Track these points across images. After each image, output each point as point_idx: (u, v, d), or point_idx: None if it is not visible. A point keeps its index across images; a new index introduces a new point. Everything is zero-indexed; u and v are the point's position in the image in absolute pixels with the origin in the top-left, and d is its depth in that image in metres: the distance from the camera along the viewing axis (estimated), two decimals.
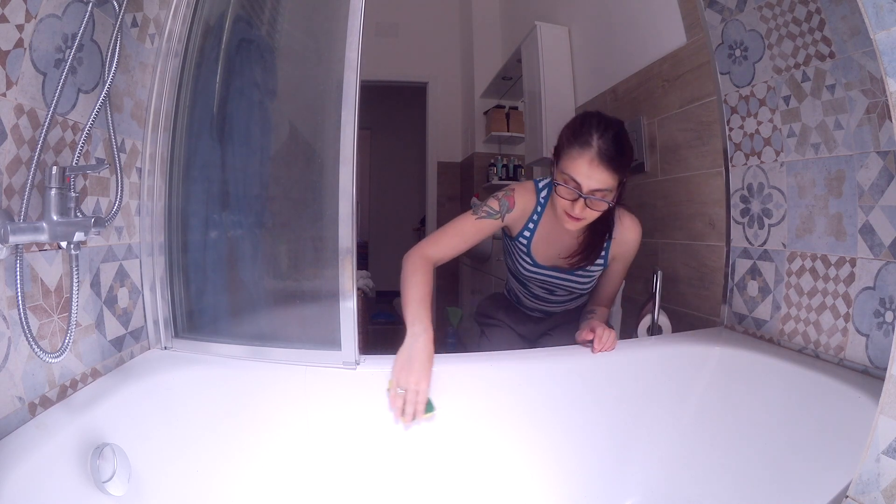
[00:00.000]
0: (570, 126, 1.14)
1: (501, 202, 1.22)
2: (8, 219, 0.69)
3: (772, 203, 1.20)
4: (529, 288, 1.38)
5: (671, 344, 1.24)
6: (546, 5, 2.76)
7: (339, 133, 1.02)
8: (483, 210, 1.21)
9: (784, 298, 1.16)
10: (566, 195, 1.11)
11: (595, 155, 1.06)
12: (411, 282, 1.11)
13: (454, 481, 1.07)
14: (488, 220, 1.20)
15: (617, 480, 1.12)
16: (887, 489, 0.57)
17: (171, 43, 1.11)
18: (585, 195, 1.08)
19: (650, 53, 1.76)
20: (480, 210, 1.21)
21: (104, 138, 0.95)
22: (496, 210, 1.21)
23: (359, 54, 1.00)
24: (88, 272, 0.92)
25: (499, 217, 1.21)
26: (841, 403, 0.88)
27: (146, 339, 1.11)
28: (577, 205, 1.09)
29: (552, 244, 1.27)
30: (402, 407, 1.00)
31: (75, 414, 0.79)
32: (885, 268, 0.92)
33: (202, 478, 0.95)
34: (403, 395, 1.00)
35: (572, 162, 1.09)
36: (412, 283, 1.10)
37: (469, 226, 1.20)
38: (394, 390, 1.01)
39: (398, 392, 1.00)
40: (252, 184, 1.26)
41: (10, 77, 0.71)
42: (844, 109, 0.99)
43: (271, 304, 1.22)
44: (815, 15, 1.02)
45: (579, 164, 1.07)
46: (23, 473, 0.65)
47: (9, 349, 0.72)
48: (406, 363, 1.00)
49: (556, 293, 1.36)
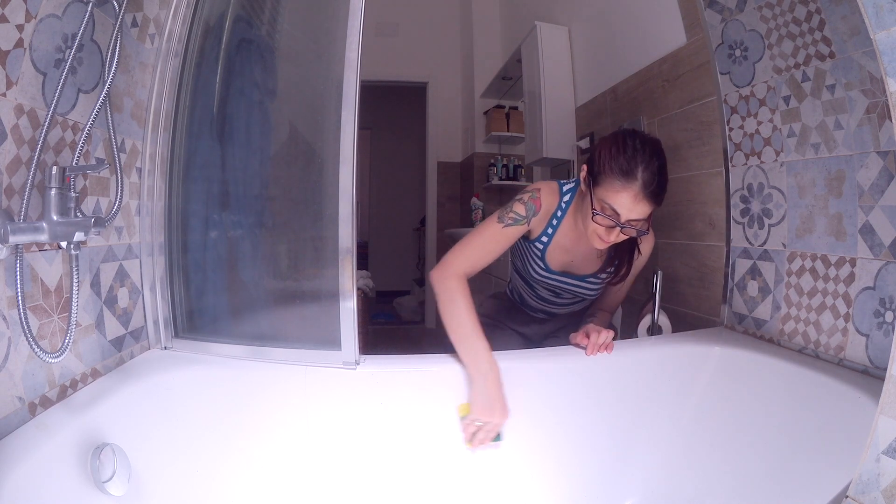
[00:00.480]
0: (612, 149, 1.04)
1: (528, 206, 1.16)
2: (8, 219, 0.69)
3: (772, 203, 1.20)
4: (536, 290, 1.37)
5: (671, 344, 1.24)
6: (546, 5, 2.76)
7: (339, 133, 1.02)
8: (509, 217, 1.15)
9: (784, 298, 1.16)
10: (601, 222, 1.07)
11: (640, 190, 1.01)
12: (457, 311, 1.05)
13: (454, 481, 1.07)
14: (515, 226, 1.16)
15: (617, 480, 1.12)
16: (887, 489, 0.57)
17: (171, 43, 1.11)
18: (622, 224, 1.05)
19: (650, 53, 1.76)
20: (506, 217, 1.15)
21: (104, 138, 0.95)
22: (523, 215, 1.16)
23: (359, 54, 1.00)
24: (88, 272, 0.92)
25: (525, 222, 1.16)
26: (841, 403, 0.88)
27: (146, 339, 1.11)
28: (613, 232, 1.06)
29: (568, 251, 1.23)
30: (474, 433, 1.03)
31: (75, 414, 0.79)
32: (885, 268, 0.92)
33: (202, 478, 0.95)
34: (479, 427, 1.02)
35: (616, 194, 1.03)
36: (458, 312, 1.05)
37: (497, 235, 1.15)
38: (470, 422, 1.03)
39: (476, 424, 1.02)
40: (252, 184, 1.26)
41: (10, 77, 0.71)
42: (844, 109, 0.99)
43: (271, 305, 1.22)
44: (815, 15, 1.02)
45: (623, 198, 1.02)
46: (23, 473, 0.65)
47: (9, 349, 0.72)
48: (487, 405, 1.00)
49: (562, 297, 1.35)
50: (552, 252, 1.23)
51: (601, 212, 1.05)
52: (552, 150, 2.53)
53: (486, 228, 1.16)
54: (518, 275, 1.42)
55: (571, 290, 1.29)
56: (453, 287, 1.07)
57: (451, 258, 1.12)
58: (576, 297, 1.33)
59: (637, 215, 1.03)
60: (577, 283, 1.27)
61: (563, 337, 1.41)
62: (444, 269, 1.10)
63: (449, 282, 1.08)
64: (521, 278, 1.40)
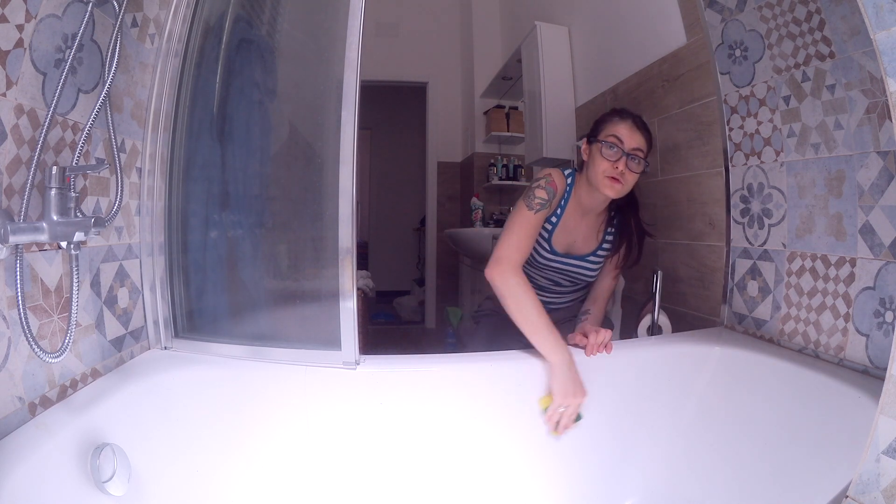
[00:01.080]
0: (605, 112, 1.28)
1: (547, 190, 1.24)
2: (8, 219, 0.69)
3: (772, 203, 1.20)
4: (535, 279, 1.39)
5: (671, 344, 1.24)
6: (546, 5, 2.76)
7: (339, 133, 1.02)
8: (536, 203, 1.22)
9: (784, 298, 1.16)
10: (611, 155, 1.19)
11: (633, 122, 1.21)
12: (525, 307, 1.10)
13: (454, 481, 1.07)
14: (543, 210, 1.23)
15: (617, 480, 1.12)
16: (887, 489, 0.57)
17: (171, 43, 1.11)
18: (628, 153, 1.18)
19: (650, 53, 1.76)
20: (534, 203, 1.22)
21: (104, 138, 0.95)
22: (546, 199, 1.23)
23: (359, 54, 1.00)
24: (88, 272, 0.92)
25: (548, 205, 1.24)
26: (841, 403, 0.88)
27: (146, 339, 1.11)
28: (621, 162, 1.19)
29: (570, 231, 1.32)
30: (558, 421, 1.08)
31: (75, 414, 0.79)
32: (885, 268, 0.92)
33: (202, 478, 0.95)
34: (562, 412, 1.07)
35: (615, 126, 1.21)
36: (527, 308, 1.10)
37: (532, 220, 1.22)
38: (554, 410, 1.08)
39: (559, 410, 1.08)
40: (252, 184, 1.26)
41: (10, 77, 0.71)
42: (844, 109, 0.99)
43: (271, 305, 1.22)
44: (815, 15, 1.02)
45: (622, 127, 1.21)
46: (23, 473, 0.65)
47: (9, 349, 0.72)
48: (569, 387, 1.06)
49: (561, 284, 1.39)
50: (558, 234, 1.31)
51: (606, 140, 1.20)
52: (552, 150, 2.53)
53: (521, 217, 1.22)
54: None
55: (573, 271, 1.34)
56: (517, 283, 1.12)
57: (504, 253, 1.16)
58: (576, 282, 1.38)
59: (636, 143, 1.20)
60: (578, 264, 1.33)
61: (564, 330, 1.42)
62: (502, 266, 1.14)
63: (512, 279, 1.13)
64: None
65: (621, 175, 1.19)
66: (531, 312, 1.10)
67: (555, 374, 1.07)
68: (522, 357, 1.15)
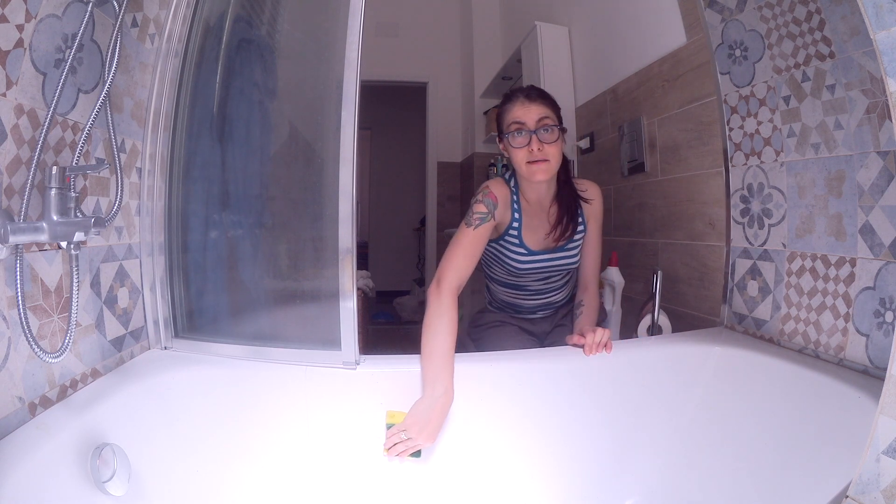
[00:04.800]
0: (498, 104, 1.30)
1: (486, 202, 1.23)
2: (8, 219, 0.69)
3: (772, 203, 1.20)
4: (525, 286, 1.38)
5: (671, 344, 1.24)
6: (546, 5, 2.76)
7: (339, 133, 1.02)
8: (475, 218, 1.21)
9: (784, 298, 1.16)
10: (520, 142, 1.20)
11: (523, 97, 1.22)
12: (434, 330, 1.07)
13: (454, 481, 1.07)
14: (483, 224, 1.21)
15: (617, 480, 1.12)
16: (887, 489, 0.57)
17: (171, 43, 1.11)
18: (534, 130, 1.18)
19: (650, 53, 1.76)
20: (472, 219, 1.21)
21: (104, 138, 0.95)
22: (486, 212, 1.22)
23: (359, 54, 1.00)
24: (88, 272, 0.92)
25: (490, 217, 1.22)
26: (841, 403, 0.88)
27: (146, 339, 1.11)
28: (534, 142, 1.18)
29: (536, 227, 1.31)
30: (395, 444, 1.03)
31: (75, 414, 0.79)
32: (885, 268, 0.92)
33: (202, 478, 0.95)
34: (403, 440, 1.02)
35: (510, 112, 1.22)
36: (435, 331, 1.07)
37: (472, 238, 1.20)
38: (397, 432, 1.02)
39: (401, 435, 1.02)
40: (252, 184, 1.26)
41: (10, 77, 0.71)
42: (844, 109, 0.99)
43: (271, 304, 1.22)
44: (815, 15, 1.02)
45: (516, 108, 1.21)
46: (23, 473, 0.65)
47: (9, 349, 0.72)
48: (422, 421, 1.01)
49: (552, 279, 1.38)
50: (526, 233, 1.30)
51: (509, 131, 1.21)
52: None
53: (461, 236, 1.21)
54: (501, 284, 1.42)
55: (557, 265, 1.33)
56: (445, 306, 1.10)
57: (443, 274, 1.15)
58: (564, 272, 1.37)
59: (536, 115, 1.19)
60: (558, 256, 1.33)
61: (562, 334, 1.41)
62: (440, 287, 1.13)
63: (444, 300, 1.11)
64: (506, 285, 1.40)
65: (541, 153, 1.17)
66: (437, 340, 1.06)
67: (420, 404, 1.02)
68: (522, 358, 1.15)
